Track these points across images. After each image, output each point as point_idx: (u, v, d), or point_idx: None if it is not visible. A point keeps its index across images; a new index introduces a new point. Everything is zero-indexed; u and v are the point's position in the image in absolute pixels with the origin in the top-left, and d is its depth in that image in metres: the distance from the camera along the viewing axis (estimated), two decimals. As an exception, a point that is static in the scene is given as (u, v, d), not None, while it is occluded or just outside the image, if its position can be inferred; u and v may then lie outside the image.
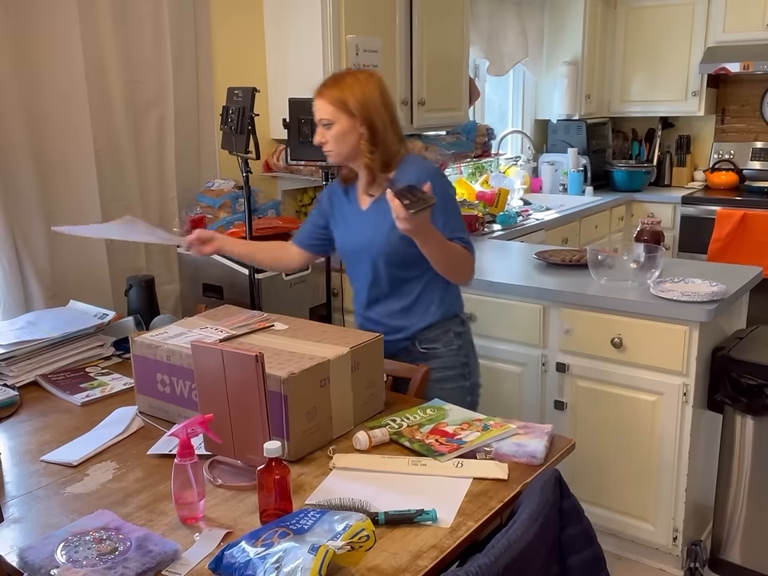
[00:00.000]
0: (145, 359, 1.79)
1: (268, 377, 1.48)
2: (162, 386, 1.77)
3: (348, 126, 1.93)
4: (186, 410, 1.71)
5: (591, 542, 1.44)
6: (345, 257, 2.15)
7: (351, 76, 1.96)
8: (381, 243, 1.98)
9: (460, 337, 2.10)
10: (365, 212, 2.05)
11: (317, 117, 1.96)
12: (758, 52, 4.44)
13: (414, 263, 1.97)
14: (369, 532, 1.18)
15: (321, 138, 1.97)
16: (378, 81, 1.97)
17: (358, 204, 2.08)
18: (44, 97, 2.41)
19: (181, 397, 1.73)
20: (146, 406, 1.82)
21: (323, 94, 1.94)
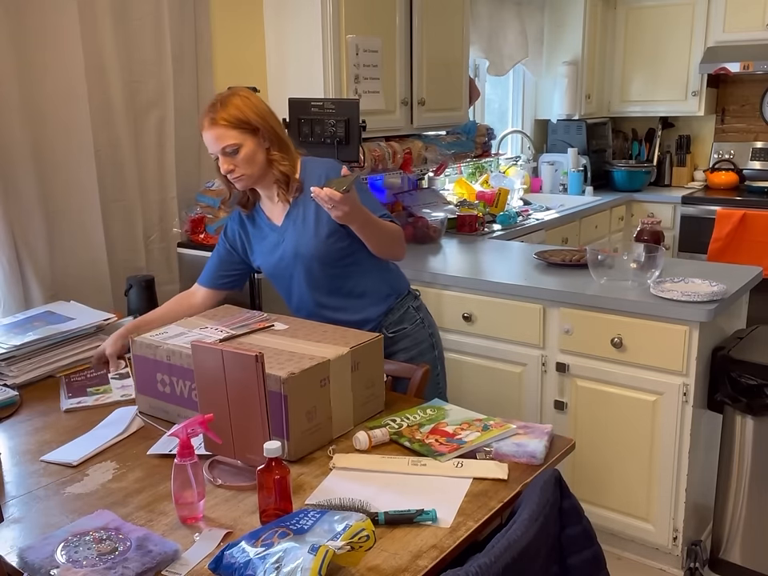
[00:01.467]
0: (145, 359, 1.79)
1: (268, 377, 1.48)
2: (162, 386, 1.77)
3: (255, 144, 1.91)
4: (186, 410, 1.70)
5: (591, 542, 1.44)
6: (275, 276, 2.12)
7: (231, 97, 1.91)
8: (310, 247, 1.98)
9: (419, 310, 2.17)
10: (281, 227, 2.04)
11: (216, 147, 1.89)
12: (758, 52, 4.44)
13: (347, 256, 2.01)
14: (369, 532, 1.18)
15: (228, 167, 1.91)
16: (251, 93, 1.97)
17: (269, 222, 2.06)
18: (44, 97, 2.41)
19: (181, 397, 1.73)
20: (146, 406, 1.82)
21: (218, 121, 1.87)
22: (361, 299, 2.07)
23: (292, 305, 2.15)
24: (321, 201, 1.76)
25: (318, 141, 2.58)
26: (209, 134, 1.89)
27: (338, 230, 1.97)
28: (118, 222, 2.69)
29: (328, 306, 2.07)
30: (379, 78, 3.17)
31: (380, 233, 1.95)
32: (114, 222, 2.67)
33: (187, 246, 2.86)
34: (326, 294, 2.06)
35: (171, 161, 2.83)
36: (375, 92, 3.17)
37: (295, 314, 2.12)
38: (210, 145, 1.90)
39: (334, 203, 1.74)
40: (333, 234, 1.97)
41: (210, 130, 1.88)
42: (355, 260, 2.03)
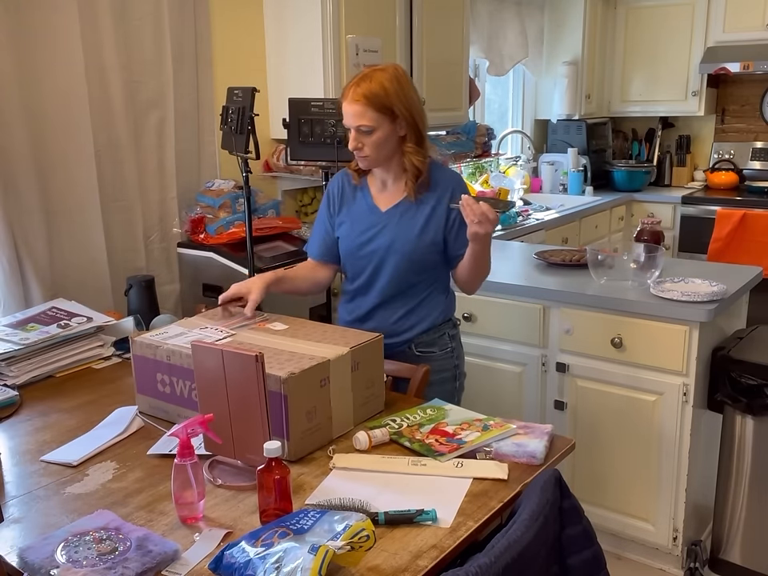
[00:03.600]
0: (145, 359, 1.79)
1: (268, 377, 1.48)
2: (162, 386, 1.77)
3: (390, 130, 1.86)
4: (186, 410, 1.70)
5: (591, 542, 1.44)
6: (352, 254, 2.04)
7: (383, 73, 1.85)
8: (408, 247, 1.94)
9: (453, 339, 2.12)
10: (385, 214, 1.99)
11: (353, 122, 1.84)
12: (758, 52, 4.44)
13: (430, 269, 2.00)
14: (369, 532, 1.18)
15: (357, 144, 1.87)
16: (406, 75, 1.91)
17: (373, 203, 2.01)
18: (44, 97, 2.41)
19: (181, 397, 1.73)
20: (146, 406, 1.82)
21: (360, 98, 1.82)
22: (412, 312, 2.03)
23: (350, 286, 2.10)
24: (469, 212, 1.73)
25: (318, 141, 2.58)
26: (348, 108, 1.84)
27: (439, 242, 1.95)
28: (118, 221, 2.69)
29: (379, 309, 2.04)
30: (379, 78, 3.17)
31: (485, 265, 1.95)
32: (114, 221, 2.67)
33: (187, 246, 2.86)
34: (391, 292, 2.02)
35: (171, 161, 2.83)
36: (375, 92, 3.16)
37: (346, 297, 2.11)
38: (347, 118, 1.86)
39: (486, 219, 1.73)
40: (434, 244, 1.95)
41: (351, 104, 1.83)
42: (435, 274, 2.02)
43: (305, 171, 3.07)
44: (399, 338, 2.03)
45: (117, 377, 2.12)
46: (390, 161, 1.93)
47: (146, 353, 1.78)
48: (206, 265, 2.77)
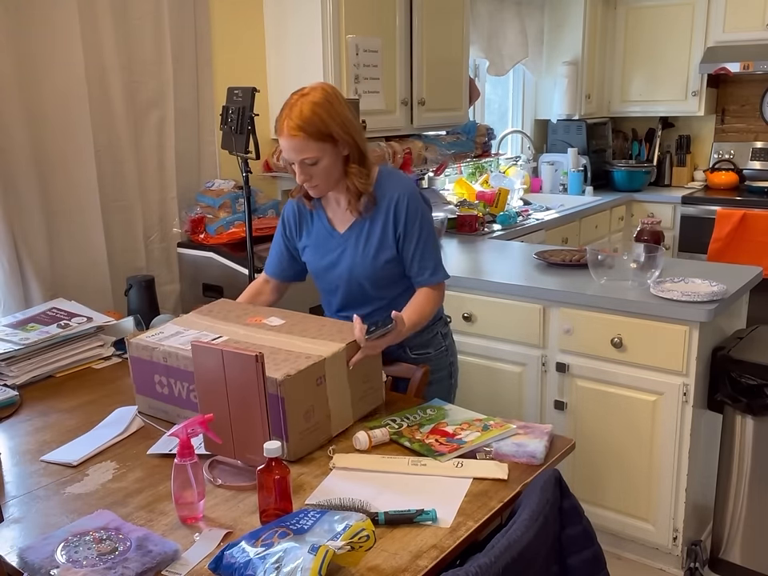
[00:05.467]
0: (141, 361, 1.79)
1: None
2: (160, 387, 1.77)
3: (334, 155, 1.82)
4: (185, 411, 1.70)
5: (591, 542, 1.44)
6: (319, 276, 2.07)
7: (312, 97, 1.78)
8: (366, 268, 1.94)
9: (446, 337, 2.14)
10: (343, 235, 1.98)
11: (296, 156, 1.80)
12: (758, 52, 4.44)
13: (398, 280, 1.99)
14: (369, 532, 1.18)
15: (305, 177, 1.83)
16: (336, 92, 1.85)
17: (330, 225, 2.00)
18: (44, 97, 2.41)
19: (179, 398, 1.73)
20: (146, 407, 1.82)
21: (296, 131, 1.76)
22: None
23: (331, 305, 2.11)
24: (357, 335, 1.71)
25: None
26: (287, 143, 1.79)
27: (395, 258, 1.94)
28: (118, 221, 2.69)
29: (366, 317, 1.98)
30: (379, 78, 3.17)
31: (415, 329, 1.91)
32: (114, 221, 2.67)
33: (187, 246, 2.86)
34: (371, 306, 2.00)
35: (171, 161, 2.83)
36: (375, 92, 3.17)
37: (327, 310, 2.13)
38: (288, 153, 1.82)
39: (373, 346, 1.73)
40: (391, 261, 1.94)
41: (289, 138, 1.78)
42: (404, 284, 2.00)
43: (305, 171, 3.07)
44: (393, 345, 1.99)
45: (117, 377, 2.12)
46: (340, 182, 1.90)
47: (142, 354, 1.78)
48: (206, 265, 2.77)
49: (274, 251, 2.15)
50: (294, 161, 1.83)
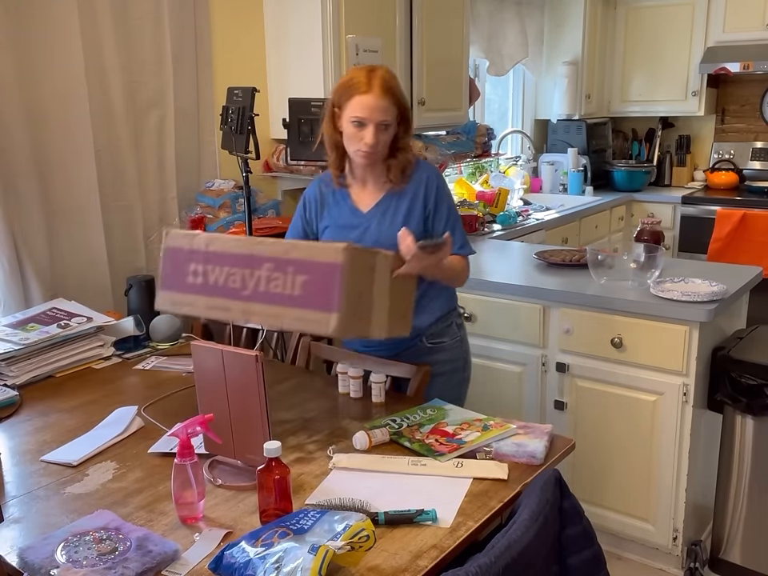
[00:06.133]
0: (178, 251, 1.76)
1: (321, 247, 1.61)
2: (193, 277, 1.73)
3: (396, 126, 1.88)
4: (218, 299, 1.70)
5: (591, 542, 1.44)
6: None
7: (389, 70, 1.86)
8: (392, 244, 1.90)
9: (461, 328, 2.15)
10: (366, 214, 1.98)
11: (379, 117, 1.81)
12: (758, 52, 4.44)
13: None
14: (369, 532, 1.18)
15: (375, 140, 1.82)
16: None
17: (354, 205, 2.00)
18: (44, 97, 2.41)
19: (215, 286, 1.70)
20: (168, 303, 1.78)
21: (387, 92, 1.81)
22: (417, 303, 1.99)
23: None
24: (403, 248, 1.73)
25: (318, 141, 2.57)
26: (374, 101, 1.79)
27: (421, 235, 1.92)
28: (118, 222, 2.69)
29: None
30: (379, 77, 3.17)
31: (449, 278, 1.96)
32: (114, 222, 2.67)
33: (187, 246, 2.85)
34: None
35: (171, 161, 2.82)
36: (375, 92, 3.16)
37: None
38: (370, 112, 1.80)
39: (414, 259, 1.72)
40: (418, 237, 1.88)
41: (378, 97, 1.79)
42: None
43: (305, 171, 3.07)
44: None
45: (117, 377, 2.13)
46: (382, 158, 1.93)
47: (180, 243, 1.75)
48: (206, 265, 2.77)
49: (290, 234, 2.13)
50: (374, 121, 1.81)
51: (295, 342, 2.30)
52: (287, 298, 1.63)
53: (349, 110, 1.83)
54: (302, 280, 1.61)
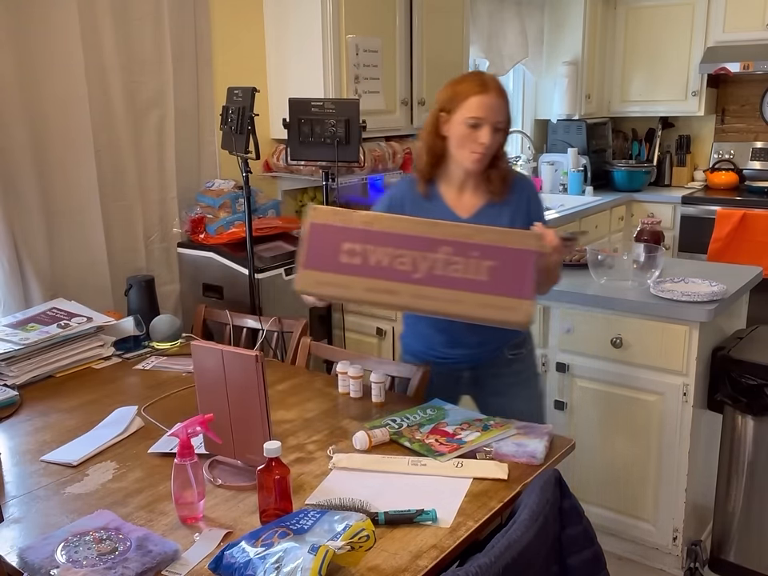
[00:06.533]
0: (327, 228, 1.65)
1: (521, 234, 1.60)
2: (348, 257, 1.63)
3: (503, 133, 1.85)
4: (381, 282, 1.62)
5: (591, 542, 1.44)
6: None
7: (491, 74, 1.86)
8: None
9: (532, 338, 2.13)
10: (466, 220, 1.87)
11: (495, 117, 1.79)
12: (758, 52, 4.44)
13: None
14: (369, 532, 1.18)
15: (489, 141, 1.79)
16: None
17: (450, 209, 1.91)
18: (44, 97, 2.41)
19: (377, 267, 1.62)
20: (311, 282, 1.65)
21: (502, 94, 1.80)
22: None
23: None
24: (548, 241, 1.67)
25: (318, 141, 2.57)
26: (492, 100, 1.78)
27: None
28: (118, 222, 2.69)
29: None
30: (379, 78, 3.17)
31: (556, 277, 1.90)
32: (114, 222, 2.67)
33: (187, 246, 2.86)
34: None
35: (171, 161, 2.83)
36: (375, 92, 3.17)
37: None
38: (486, 111, 1.78)
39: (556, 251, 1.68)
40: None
41: (495, 97, 1.79)
42: None
43: (305, 171, 3.07)
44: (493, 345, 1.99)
45: (117, 377, 2.13)
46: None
47: (331, 219, 1.64)
48: (206, 265, 2.77)
49: None
50: (490, 121, 1.78)
51: (295, 342, 2.30)
52: (470, 283, 1.60)
53: (464, 110, 1.79)
54: (488, 265, 1.59)
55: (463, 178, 1.90)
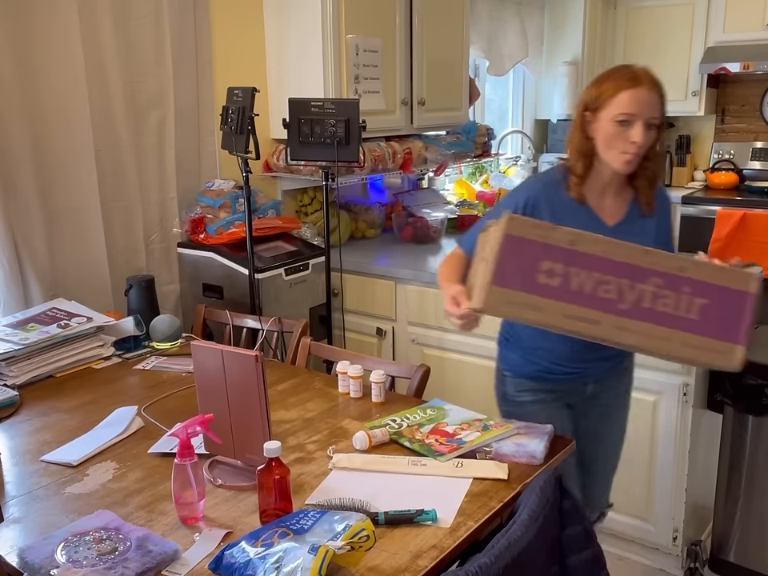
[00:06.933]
0: (526, 242, 1.48)
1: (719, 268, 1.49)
2: (546, 277, 1.48)
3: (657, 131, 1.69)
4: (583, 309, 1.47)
5: (591, 542, 1.44)
6: None
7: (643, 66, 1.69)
8: None
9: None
10: (612, 229, 1.73)
11: (649, 112, 1.63)
12: (758, 52, 4.44)
13: None
14: (369, 532, 1.18)
15: (642, 140, 1.63)
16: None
17: (598, 216, 1.75)
18: (44, 97, 2.41)
19: (578, 292, 1.48)
20: (503, 303, 1.49)
21: (655, 86, 1.64)
22: None
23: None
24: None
25: (318, 141, 2.58)
26: (645, 94, 1.62)
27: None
28: (118, 222, 2.69)
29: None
30: (379, 78, 3.17)
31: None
32: (114, 222, 2.67)
33: (187, 246, 2.86)
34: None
35: (171, 161, 2.82)
36: (375, 92, 3.17)
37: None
38: (638, 106, 1.62)
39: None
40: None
41: (648, 91, 1.63)
42: None
43: (305, 171, 3.07)
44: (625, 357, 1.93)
45: (117, 377, 2.13)
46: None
47: (530, 233, 1.48)
48: (206, 265, 2.77)
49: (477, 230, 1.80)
50: (643, 117, 1.63)
51: (295, 342, 2.31)
52: (680, 321, 1.49)
53: (612, 107, 1.64)
54: (701, 303, 1.48)
55: (607, 180, 1.75)
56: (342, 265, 2.83)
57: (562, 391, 1.88)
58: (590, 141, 1.71)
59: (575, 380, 1.88)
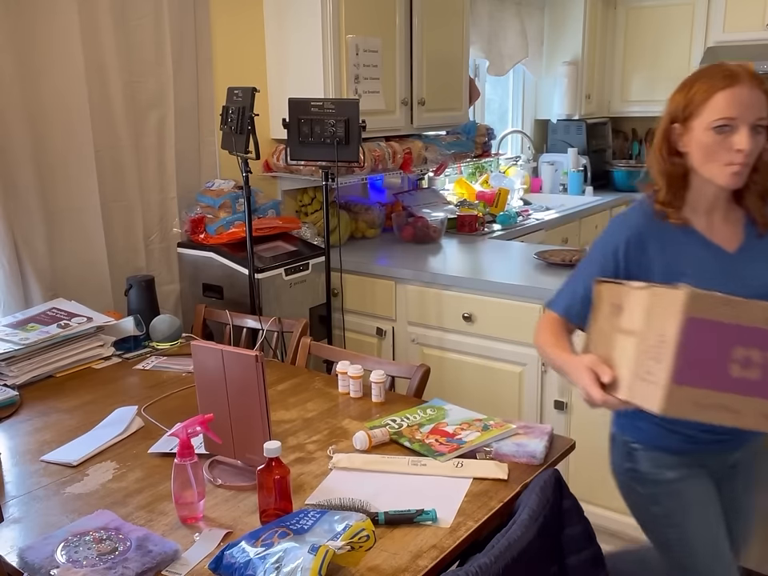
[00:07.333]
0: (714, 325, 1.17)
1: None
2: (741, 369, 1.18)
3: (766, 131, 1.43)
4: None
5: (591, 542, 1.44)
6: None
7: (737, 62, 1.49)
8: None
9: None
10: (734, 257, 1.48)
11: (750, 115, 1.39)
12: (758, 52, 4.44)
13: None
14: (369, 532, 1.18)
15: (747, 147, 1.38)
16: None
17: (711, 242, 1.48)
18: (44, 97, 2.41)
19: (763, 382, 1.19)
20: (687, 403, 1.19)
21: (758, 82, 1.41)
22: None
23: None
24: None
25: (318, 141, 2.58)
26: (747, 92, 1.40)
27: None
28: (118, 222, 2.69)
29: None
30: (379, 78, 3.17)
31: None
32: (114, 222, 2.67)
33: (187, 246, 2.86)
34: None
35: (171, 161, 2.82)
36: (375, 92, 3.17)
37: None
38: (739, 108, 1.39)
39: None
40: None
41: (752, 87, 1.41)
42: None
43: (305, 171, 3.07)
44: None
45: (117, 377, 2.13)
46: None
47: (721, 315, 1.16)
48: (206, 265, 2.77)
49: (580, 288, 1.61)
50: (747, 120, 1.39)
51: (295, 342, 2.31)
52: None
53: (707, 114, 1.43)
54: None
55: (712, 199, 1.49)
56: (342, 265, 2.83)
57: (707, 463, 1.59)
58: (681, 158, 1.49)
59: (724, 449, 1.59)
